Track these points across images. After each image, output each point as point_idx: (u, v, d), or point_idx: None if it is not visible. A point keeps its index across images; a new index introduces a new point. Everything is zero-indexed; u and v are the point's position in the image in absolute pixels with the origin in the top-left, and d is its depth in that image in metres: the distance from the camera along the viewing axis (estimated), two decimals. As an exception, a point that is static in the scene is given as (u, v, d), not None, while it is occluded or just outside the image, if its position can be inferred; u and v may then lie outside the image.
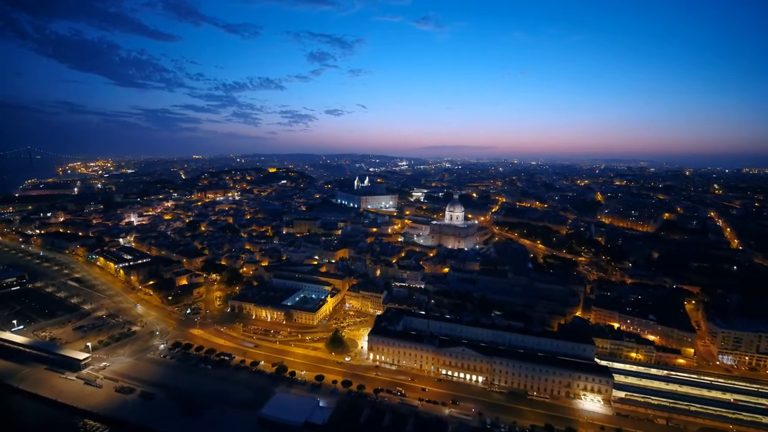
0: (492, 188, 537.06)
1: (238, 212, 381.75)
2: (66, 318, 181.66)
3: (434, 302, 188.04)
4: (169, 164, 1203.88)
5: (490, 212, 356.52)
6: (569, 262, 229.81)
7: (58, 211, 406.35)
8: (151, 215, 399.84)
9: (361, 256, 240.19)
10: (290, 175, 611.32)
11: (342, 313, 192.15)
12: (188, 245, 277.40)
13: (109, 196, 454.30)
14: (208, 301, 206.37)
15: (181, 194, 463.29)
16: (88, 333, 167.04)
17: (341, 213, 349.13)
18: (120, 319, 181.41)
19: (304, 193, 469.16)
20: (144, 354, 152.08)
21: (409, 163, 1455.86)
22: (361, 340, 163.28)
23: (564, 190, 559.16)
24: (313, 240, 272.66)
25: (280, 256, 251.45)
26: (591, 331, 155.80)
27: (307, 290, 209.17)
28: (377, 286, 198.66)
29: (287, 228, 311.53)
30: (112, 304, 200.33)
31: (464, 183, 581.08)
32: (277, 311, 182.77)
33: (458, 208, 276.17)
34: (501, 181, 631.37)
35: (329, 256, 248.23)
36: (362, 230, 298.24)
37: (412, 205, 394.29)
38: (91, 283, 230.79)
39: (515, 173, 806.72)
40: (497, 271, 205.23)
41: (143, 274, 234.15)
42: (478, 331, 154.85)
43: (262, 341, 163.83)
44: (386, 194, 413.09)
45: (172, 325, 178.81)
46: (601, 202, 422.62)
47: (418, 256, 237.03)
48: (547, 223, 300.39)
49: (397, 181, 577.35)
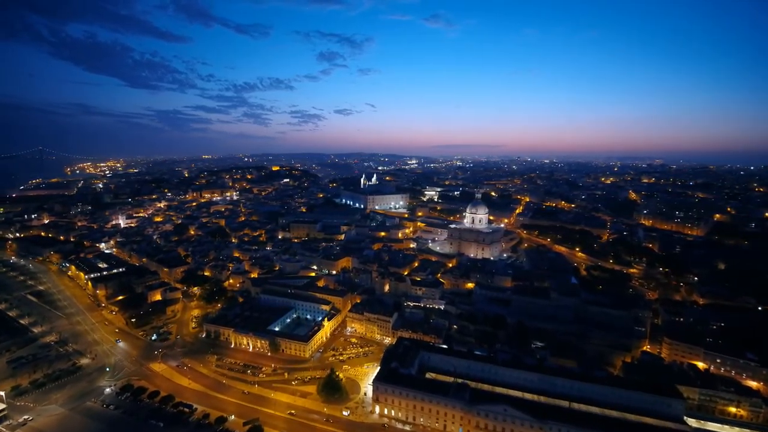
0: (511, 186, 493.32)
1: (232, 214, 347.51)
2: (4, 346, 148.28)
3: (457, 329, 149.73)
4: (177, 164, 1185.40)
5: (515, 213, 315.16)
6: (619, 276, 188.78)
7: (44, 212, 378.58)
8: (141, 217, 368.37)
9: (367, 266, 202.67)
10: (293, 173, 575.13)
11: (342, 341, 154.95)
12: (170, 252, 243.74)
13: (98, 196, 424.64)
14: (182, 323, 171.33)
15: (176, 194, 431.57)
16: (22, 368, 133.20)
17: (345, 215, 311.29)
18: (69, 348, 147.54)
19: (306, 193, 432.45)
20: (82, 401, 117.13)
21: (419, 161, 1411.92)
22: (364, 381, 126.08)
23: (589, 188, 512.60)
24: (312, 247, 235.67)
25: (272, 266, 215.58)
26: (670, 375, 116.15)
27: (301, 309, 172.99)
28: (385, 306, 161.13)
29: (283, 232, 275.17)
30: (67, 326, 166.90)
31: (480, 181, 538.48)
32: (260, 339, 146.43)
33: (482, 210, 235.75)
34: (519, 179, 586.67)
35: (329, 266, 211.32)
36: (368, 235, 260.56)
37: (424, 205, 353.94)
38: (52, 297, 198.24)
39: (531, 171, 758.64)
40: (536, 289, 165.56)
41: (113, 287, 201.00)
42: (520, 375, 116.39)
43: (238, 382, 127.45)
44: (396, 193, 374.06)
45: (132, 355, 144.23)
46: (638, 202, 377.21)
47: (434, 268, 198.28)
48: (585, 226, 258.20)
49: (408, 180, 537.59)
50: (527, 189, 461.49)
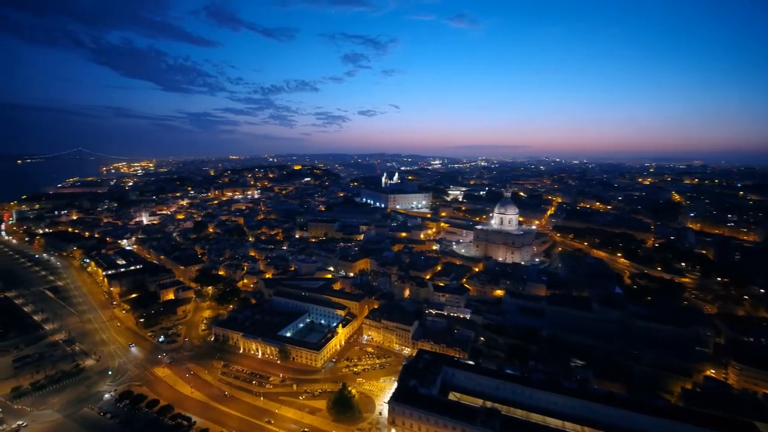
0: (540, 186, 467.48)
1: (252, 212, 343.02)
2: (14, 343, 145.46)
3: (484, 341, 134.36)
4: (205, 164, 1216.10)
5: (546, 215, 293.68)
6: (670, 286, 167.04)
7: (73, 209, 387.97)
8: (164, 214, 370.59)
9: (386, 269, 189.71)
10: (315, 172, 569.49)
11: (357, 350, 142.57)
12: (187, 250, 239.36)
13: (124, 194, 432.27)
14: (192, 324, 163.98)
15: (198, 192, 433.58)
16: (26, 368, 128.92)
17: (365, 214, 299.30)
18: (76, 347, 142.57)
19: (326, 192, 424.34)
20: (79, 408, 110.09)
21: (442, 161, 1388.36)
22: (380, 398, 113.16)
23: (625, 189, 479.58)
24: (329, 247, 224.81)
25: (288, 266, 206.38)
26: (741, 407, 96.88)
27: (315, 314, 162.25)
28: (405, 313, 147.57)
29: (301, 231, 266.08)
30: (77, 324, 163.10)
31: (507, 180, 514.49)
32: (270, 346, 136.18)
33: (511, 210, 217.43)
34: (549, 179, 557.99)
35: (346, 267, 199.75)
36: (388, 235, 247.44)
37: (448, 205, 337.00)
38: (69, 293, 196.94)
39: (560, 172, 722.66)
40: (574, 298, 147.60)
41: (127, 284, 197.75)
42: (558, 400, 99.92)
43: (243, 393, 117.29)
44: (418, 192, 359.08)
45: (138, 358, 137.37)
46: (682, 204, 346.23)
47: (459, 272, 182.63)
48: (626, 229, 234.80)
49: (431, 179, 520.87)
50: (558, 189, 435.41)
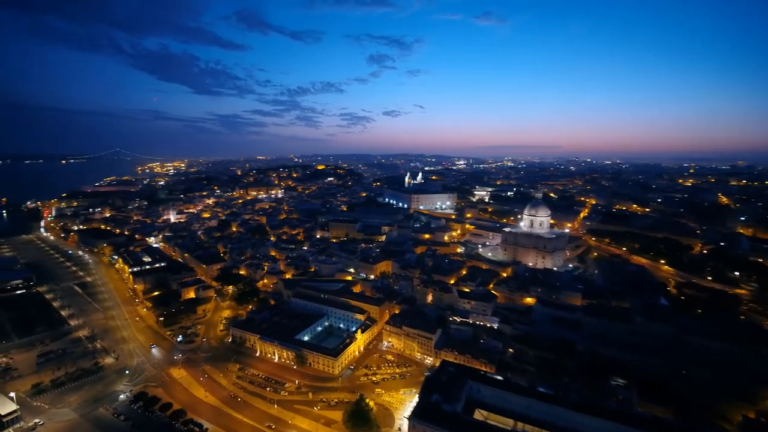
0: (572, 187, 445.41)
1: (274, 211, 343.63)
2: (40, 338, 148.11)
3: (513, 353, 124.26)
4: (233, 164, 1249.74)
5: (579, 217, 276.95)
6: (724, 298, 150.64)
7: (106, 207, 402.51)
8: (191, 213, 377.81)
9: (408, 272, 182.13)
10: (338, 172, 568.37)
11: (376, 357, 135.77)
12: (210, 249, 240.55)
13: (153, 192, 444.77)
14: (210, 324, 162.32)
15: (224, 191, 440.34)
16: (48, 364, 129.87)
17: (387, 214, 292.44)
18: (97, 344, 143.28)
19: (348, 192, 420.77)
20: (95, 407, 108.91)
21: (467, 162, 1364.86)
22: (399, 411, 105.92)
23: (664, 190, 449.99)
24: (350, 248, 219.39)
25: (308, 267, 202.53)
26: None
27: (334, 317, 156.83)
28: (428, 319, 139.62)
29: (322, 231, 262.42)
30: (101, 320, 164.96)
31: (536, 181, 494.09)
32: (286, 350, 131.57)
33: (543, 212, 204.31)
34: (580, 179, 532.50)
35: (367, 269, 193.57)
36: (411, 237, 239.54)
37: (474, 206, 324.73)
38: (96, 289, 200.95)
39: (592, 172, 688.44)
40: (614, 309, 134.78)
41: (150, 282, 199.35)
42: (599, 425, 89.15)
43: (257, 399, 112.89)
44: (442, 193, 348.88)
45: (156, 358, 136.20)
46: (731, 206, 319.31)
47: (485, 277, 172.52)
48: (669, 234, 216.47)
49: (455, 179, 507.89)
50: (591, 190, 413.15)
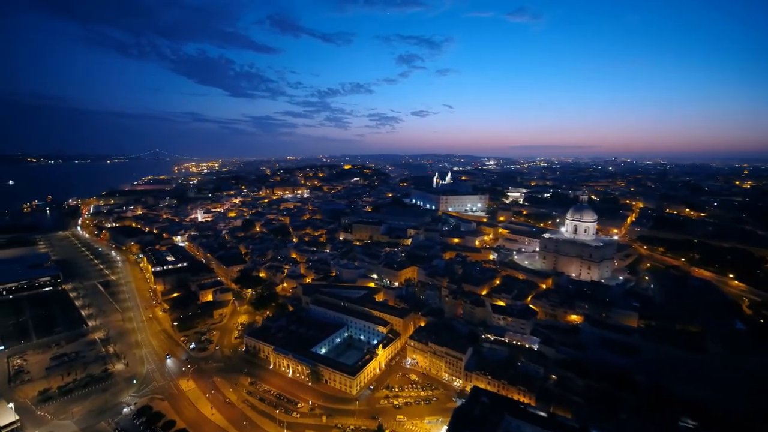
0: (614, 189, 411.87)
1: (299, 211, 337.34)
2: (57, 338, 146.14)
3: (557, 381, 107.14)
4: (264, 164, 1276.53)
5: (627, 222, 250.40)
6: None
7: (139, 205, 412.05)
8: (217, 212, 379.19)
9: (435, 280, 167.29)
10: (364, 172, 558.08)
11: (399, 377, 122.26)
12: (232, 249, 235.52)
13: (183, 191, 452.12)
14: (225, 330, 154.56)
15: (251, 191, 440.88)
16: (58, 369, 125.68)
17: (413, 216, 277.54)
18: (110, 348, 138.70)
19: (374, 192, 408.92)
20: (98, 420, 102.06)
21: (497, 162, 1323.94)
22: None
23: (719, 192, 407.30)
24: (373, 252, 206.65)
25: (329, 271, 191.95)
26: None
27: (354, 328, 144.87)
28: (457, 336, 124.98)
29: (345, 233, 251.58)
30: (118, 321, 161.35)
31: (574, 182, 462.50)
32: (301, 364, 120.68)
33: (588, 216, 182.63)
34: (623, 180, 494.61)
35: (390, 276, 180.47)
36: (439, 241, 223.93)
37: (507, 208, 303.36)
38: (118, 288, 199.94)
39: (633, 173, 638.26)
40: (680, 334, 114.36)
41: (171, 282, 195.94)
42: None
43: (266, 421, 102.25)
44: (473, 194, 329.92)
45: (167, 366, 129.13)
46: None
47: (522, 289, 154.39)
48: (737, 243, 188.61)
49: (486, 179, 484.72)
50: (636, 192, 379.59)
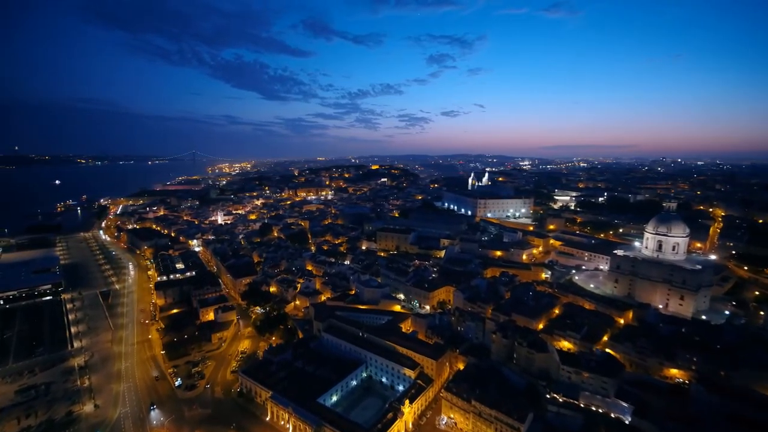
0: (678, 192, 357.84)
1: (321, 214, 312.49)
2: (34, 363, 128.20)
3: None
4: (294, 164, 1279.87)
5: (711, 235, 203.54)
6: None
7: (161, 205, 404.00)
8: (239, 214, 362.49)
9: (476, 306, 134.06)
10: (392, 172, 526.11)
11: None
12: (244, 257, 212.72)
13: (205, 192, 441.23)
14: (223, 360, 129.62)
15: (274, 192, 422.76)
16: (21, 406, 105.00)
17: (447, 223, 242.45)
18: (85, 382, 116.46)
19: (402, 194, 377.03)
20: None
21: (531, 162, 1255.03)
22: None
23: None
24: (399, 266, 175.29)
25: (348, 288, 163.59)
26: None
27: (375, 366, 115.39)
28: (511, 391, 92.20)
29: (368, 242, 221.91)
30: (107, 343, 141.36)
31: (631, 184, 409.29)
32: (303, 422, 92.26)
33: (678, 229, 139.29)
34: (686, 183, 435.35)
35: (420, 297, 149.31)
36: (478, 253, 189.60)
37: (557, 215, 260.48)
38: (119, 300, 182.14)
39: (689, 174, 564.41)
40: None
41: (172, 295, 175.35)
42: None
43: None
44: (515, 197, 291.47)
45: (154, 399, 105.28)
46: None
47: (592, 323, 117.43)
48: None
49: (527, 180, 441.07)
50: (707, 197, 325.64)
